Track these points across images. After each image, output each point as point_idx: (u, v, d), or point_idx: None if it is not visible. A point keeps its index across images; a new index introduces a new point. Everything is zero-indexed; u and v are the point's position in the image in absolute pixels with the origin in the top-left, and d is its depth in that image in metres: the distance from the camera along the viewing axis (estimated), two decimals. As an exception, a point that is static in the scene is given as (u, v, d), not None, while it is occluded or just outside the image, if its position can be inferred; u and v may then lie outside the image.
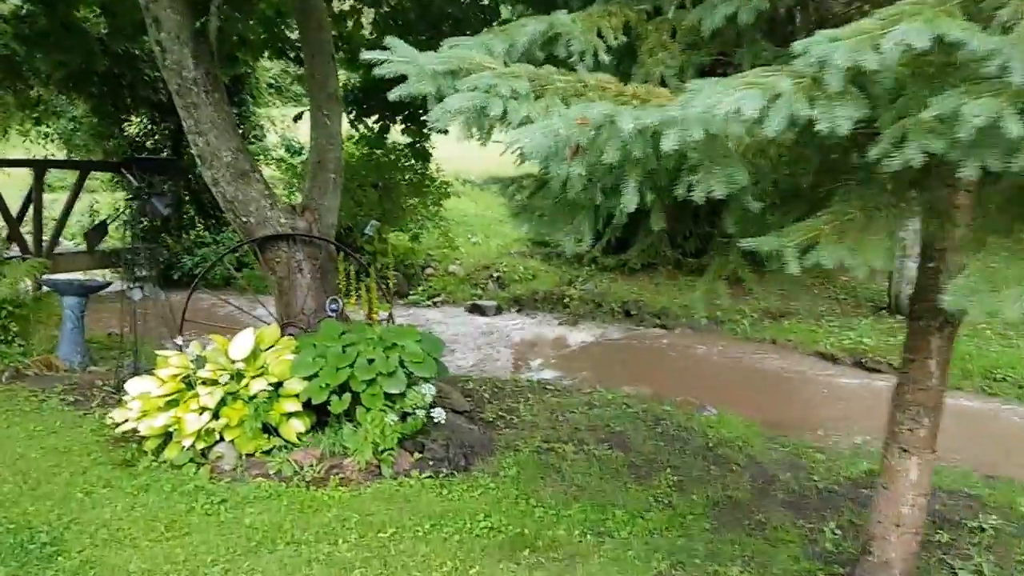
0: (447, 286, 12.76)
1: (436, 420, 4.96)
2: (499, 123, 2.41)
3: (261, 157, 14.04)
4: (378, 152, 9.14)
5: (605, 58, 2.87)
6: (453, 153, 12.00)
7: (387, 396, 4.98)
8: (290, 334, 5.93)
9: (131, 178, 6.60)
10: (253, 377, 5.10)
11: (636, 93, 2.38)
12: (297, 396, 5.04)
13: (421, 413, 4.89)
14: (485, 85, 2.37)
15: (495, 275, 12.72)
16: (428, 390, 4.91)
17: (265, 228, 6.07)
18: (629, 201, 2.31)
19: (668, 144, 2.03)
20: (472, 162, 20.00)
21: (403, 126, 9.83)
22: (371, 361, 5.06)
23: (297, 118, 8.94)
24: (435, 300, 12.34)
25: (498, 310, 11.59)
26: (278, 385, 5.14)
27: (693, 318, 10.34)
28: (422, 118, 9.77)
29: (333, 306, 5.89)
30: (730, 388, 7.55)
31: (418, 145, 9.83)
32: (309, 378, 5.05)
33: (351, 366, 5.03)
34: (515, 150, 2.28)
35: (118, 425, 5.03)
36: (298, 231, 6.13)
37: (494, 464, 4.92)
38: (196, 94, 5.74)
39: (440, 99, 2.49)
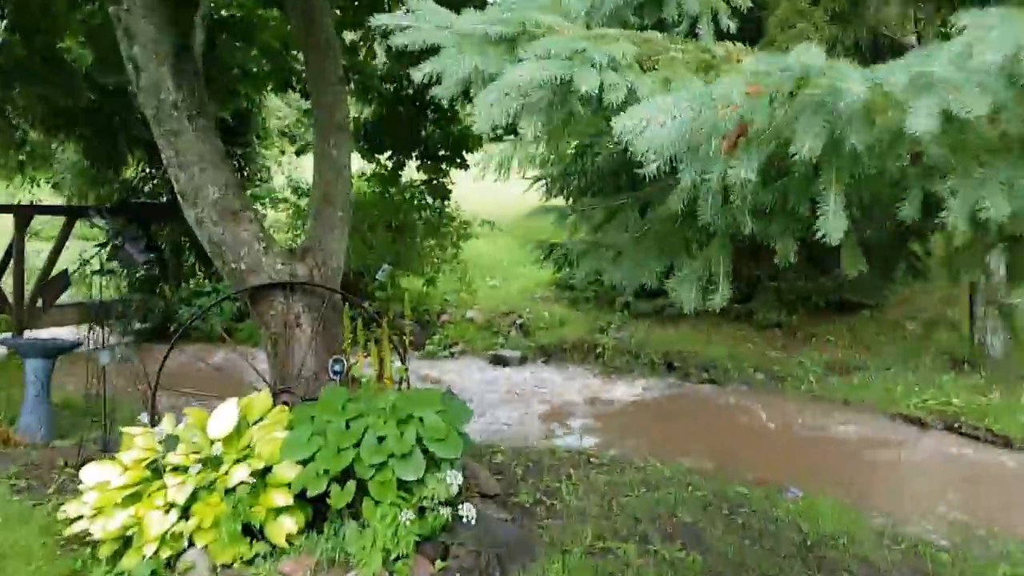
0: (465, 334, 11.86)
1: (464, 518, 4.00)
2: (585, 108, 1.51)
3: (267, 201, 13.37)
4: (392, 190, 8.34)
5: (731, 25, 1.98)
6: (463, 191, 11.27)
7: (401, 485, 4.05)
8: (285, 403, 5.04)
9: (101, 222, 5.79)
10: (235, 462, 4.19)
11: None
12: (288, 486, 4.12)
13: (445, 510, 3.93)
14: (568, 49, 1.48)
15: (518, 322, 11.81)
16: (453, 478, 3.97)
17: (258, 275, 5.23)
18: (833, 227, 1.40)
19: (922, 122, 1.12)
20: (482, 200, 19.35)
21: (419, 162, 9.07)
22: (381, 439, 4.15)
23: (301, 151, 8.16)
24: (452, 350, 11.42)
25: (523, 360, 10.65)
26: (266, 471, 4.23)
27: (747, 372, 9.34)
28: (440, 152, 9.01)
29: (337, 367, 5.00)
30: (808, 461, 6.53)
31: (435, 182, 9.05)
32: (304, 462, 4.14)
33: (356, 446, 4.12)
34: (623, 145, 1.37)
35: (72, 521, 4.11)
36: (297, 278, 5.28)
37: (537, 572, 3.94)
38: (176, 119, 4.96)
39: (491, 78, 1.60)
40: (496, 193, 21.59)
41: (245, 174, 13.38)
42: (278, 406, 4.87)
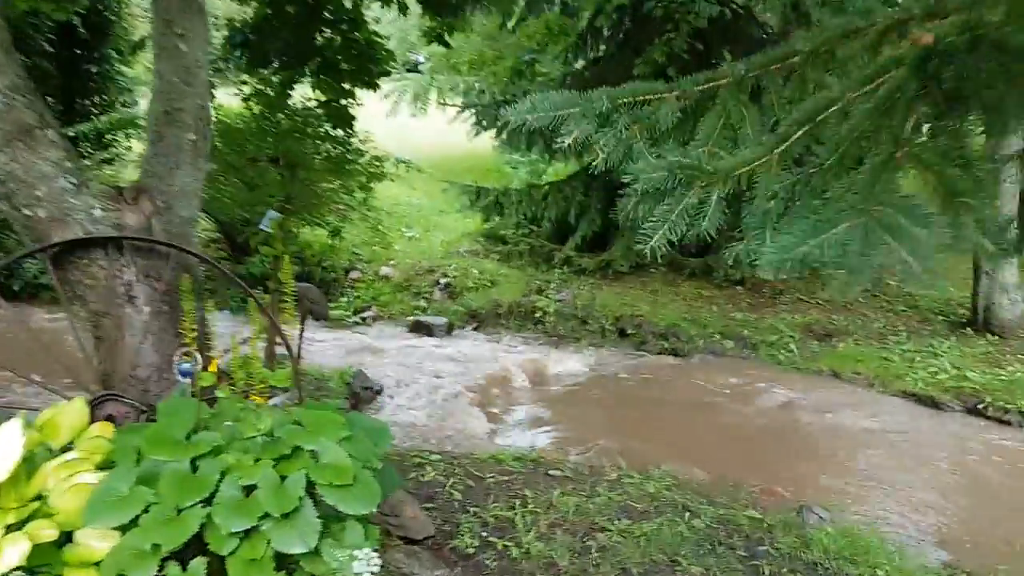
0: (379, 295, 10.38)
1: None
2: None
3: (132, 131, 11.34)
4: (280, 115, 6.72)
5: None
6: (372, 128, 9.73)
7: (281, 562, 2.68)
8: (110, 417, 3.56)
9: None
10: (8, 529, 2.71)
11: None
12: (97, 566, 2.68)
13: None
14: None
15: (442, 281, 10.39)
16: (365, 556, 2.60)
17: (66, 226, 3.63)
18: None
19: None
20: (396, 140, 17.62)
21: (314, 78, 7.41)
22: (249, 490, 2.76)
23: (138, 46, 6.41)
24: (364, 316, 9.92)
25: (450, 329, 9.27)
26: (67, 538, 2.78)
27: (713, 339, 8.26)
28: (342, 66, 7.39)
29: (185, 367, 3.51)
30: (816, 462, 5.48)
31: (337, 105, 7.42)
32: (124, 528, 2.70)
33: (208, 501, 2.72)
34: None
35: None
36: (127, 231, 3.71)
37: None
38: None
39: None
40: (412, 131, 19.91)
41: (103, 97, 11.30)
42: (98, 422, 3.38)
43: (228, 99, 7.92)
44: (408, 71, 24.76)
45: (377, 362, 7.72)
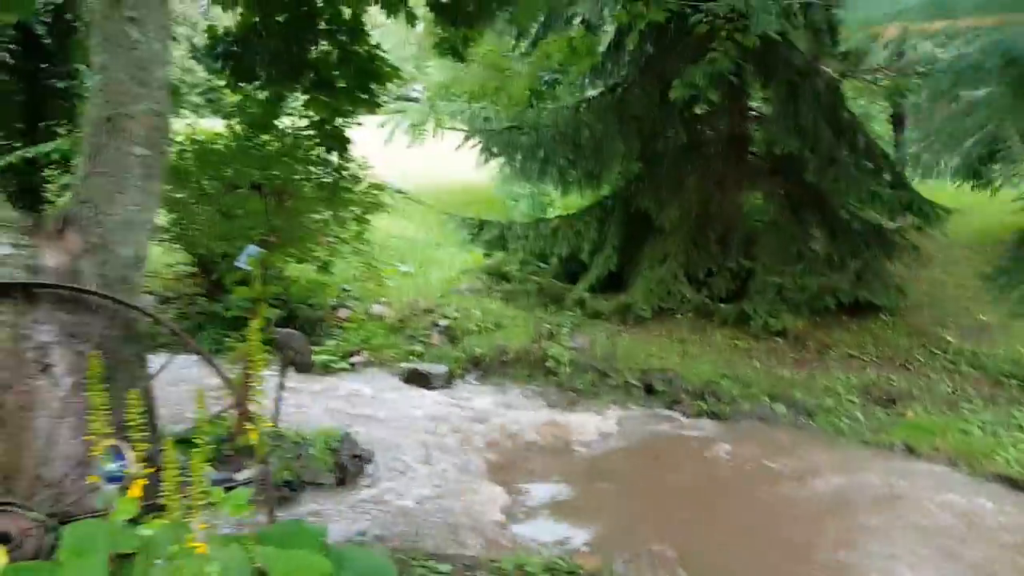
0: (371, 338, 9.44)
1: None
2: None
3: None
4: (265, 136, 5.85)
5: None
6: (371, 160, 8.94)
7: None
8: (4, 536, 2.63)
9: None
10: None
11: None
12: None
13: None
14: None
15: (441, 323, 9.47)
16: None
17: (-40, 268, 2.72)
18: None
19: None
20: (392, 169, 16.81)
21: (307, 95, 6.59)
22: None
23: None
24: (353, 361, 8.96)
25: (450, 379, 8.35)
26: None
27: (759, 400, 7.37)
28: (339, 82, 6.55)
29: (112, 467, 2.58)
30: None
31: (332, 127, 6.57)
32: None
33: None
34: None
35: None
36: (44, 276, 2.82)
37: None
38: None
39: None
40: (408, 161, 19.13)
41: (71, 115, 10.40)
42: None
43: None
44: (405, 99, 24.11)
45: (368, 419, 6.77)
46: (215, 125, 7.35)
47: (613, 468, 6.18)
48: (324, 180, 6.14)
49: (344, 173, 6.20)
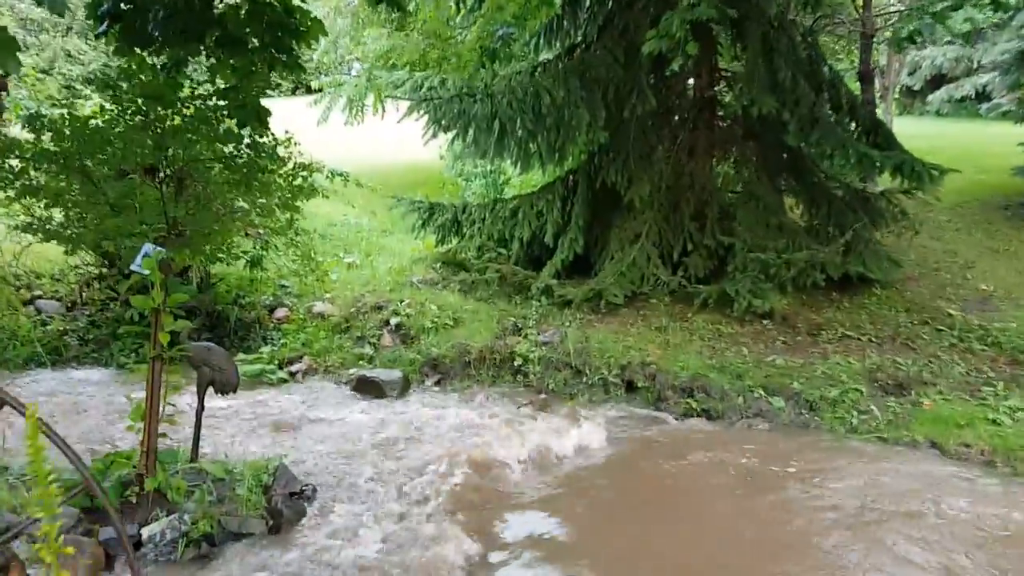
0: (313, 341, 8.48)
1: None
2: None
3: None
4: (162, 110, 4.84)
5: None
6: (305, 142, 7.99)
7: None
8: None
9: None
10: None
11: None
12: None
13: None
14: None
15: (392, 321, 8.53)
16: None
17: None
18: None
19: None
20: (334, 151, 15.70)
21: (215, 59, 5.59)
22: None
23: None
24: (293, 370, 7.99)
25: (406, 386, 7.44)
26: None
27: (755, 395, 6.62)
28: (251, 41, 5.57)
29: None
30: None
31: (244, 97, 5.57)
32: None
33: None
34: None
35: None
36: None
37: None
38: None
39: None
40: (347, 142, 17.98)
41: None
42: None
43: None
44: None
45: (309, 443, 5.84)
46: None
47: (598, 486, 5.36)
48: (238, 160, 5.13)
49: (262, 152, 5.19)
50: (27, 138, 5.01)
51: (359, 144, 18.44)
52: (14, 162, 4.94)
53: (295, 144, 6.37)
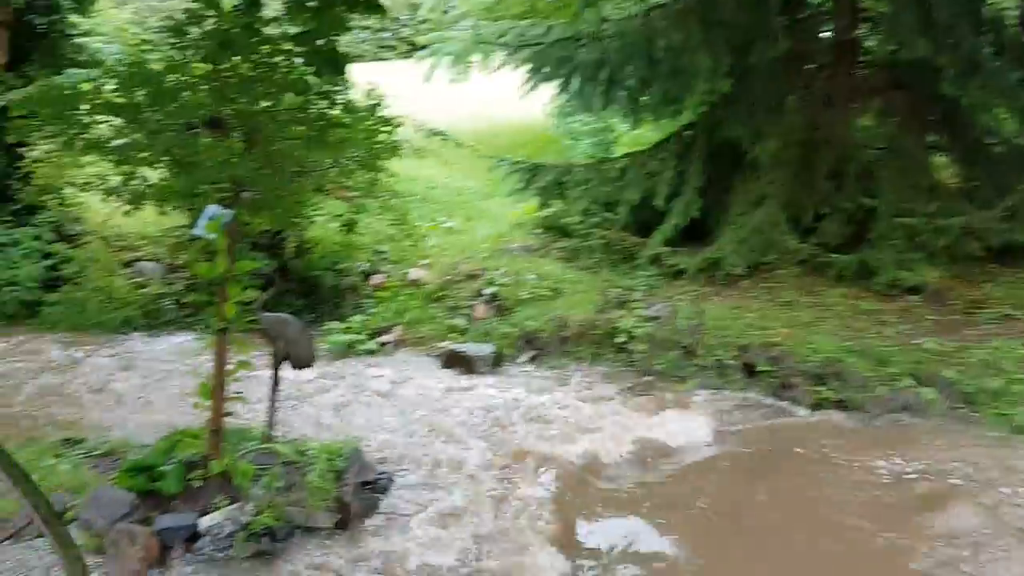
0: (405, 310, 8.12)
1: None
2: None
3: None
4: (233, 58, 4.44)
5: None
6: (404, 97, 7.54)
7: None
8: None
9: None
10: None
11: None
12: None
13: None
14: None
15: (487, 291, 8.05)
16: None
17: None
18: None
19: None
20: (437, 110, 15.29)
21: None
22: None
23: None
24: (384, 340, 7.66)
25: (497, 361, 6.96)
26: None
27: (902, 384, 5.75)
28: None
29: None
30: None
31: (323, 44, 5.06)
32: None
33: None
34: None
35: None
36: None
37: None
38: None
39: None
40: (453, 101, 17.53)
41: (50, 56, 9.22)
42: None
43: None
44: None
45: (390, 423, 5.46)
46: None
47: (708, 489, 4.72)
48: (310, 113, 4.69)
49: (334, 103, 4.74)
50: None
51: (465, 103, 18.01)
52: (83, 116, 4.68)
53: (380, 98, 5.90)
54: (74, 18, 9.61)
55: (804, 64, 8.89)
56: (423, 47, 19.00)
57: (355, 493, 4.27)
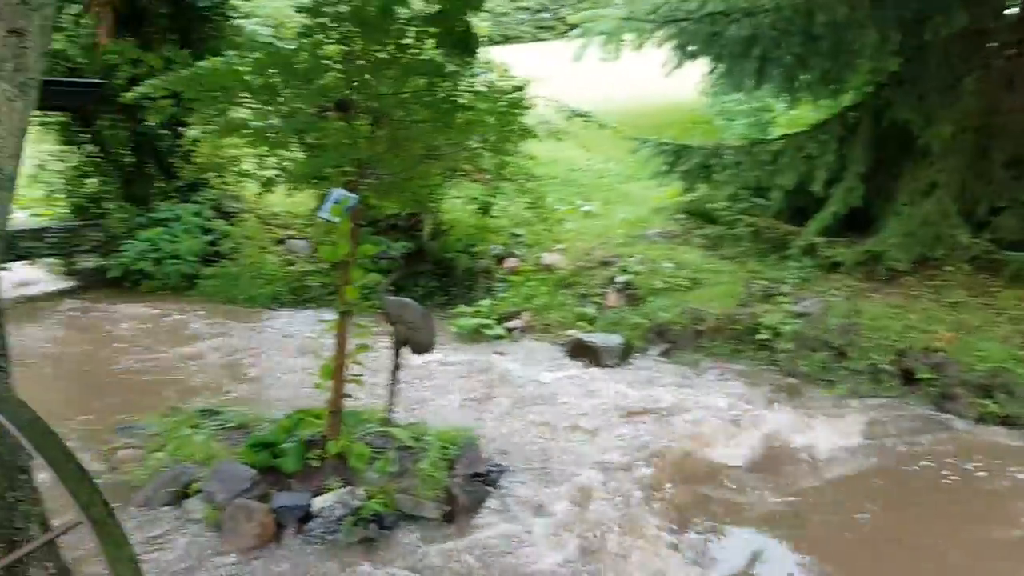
0: (535, 296, 8.00)
1: None
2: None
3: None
4: (366, 39, 4.46)
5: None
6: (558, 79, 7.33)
7: None
8: None
9: None
10: None
11: None
12: None
13: None
14: None
15: (619, 279, 7.78)
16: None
17: None
18: None
19: None
20: (586, 89, 14.99)
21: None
22: None
23: None
24: (511, 326, 7.59)
25: (626, 353, 6.71)
26: None
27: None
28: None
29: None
30: None
31: (458, 23, 4.99)
32: None
33: None
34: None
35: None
36: None
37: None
38: None
39: None
40: (603, 80, 17.16)
41: (212, 39, 9.72)
42: None
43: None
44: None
45: (507, 413, 5.37)
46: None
47: (853, 508, 4.29)
48: (438, 95, 4.61)
49: (459, 84, 4.64)
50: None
51: (616, 83, 17.63)
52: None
53: (516, 81, 5.77)
54: (235, 0, 10.12)
55: (984, 42, 7.93)
56: (575, 27, 18.79)
57: (464, 485, 4.20)
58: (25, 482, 2.12)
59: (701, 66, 9.03)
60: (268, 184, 4.83)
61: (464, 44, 4.92)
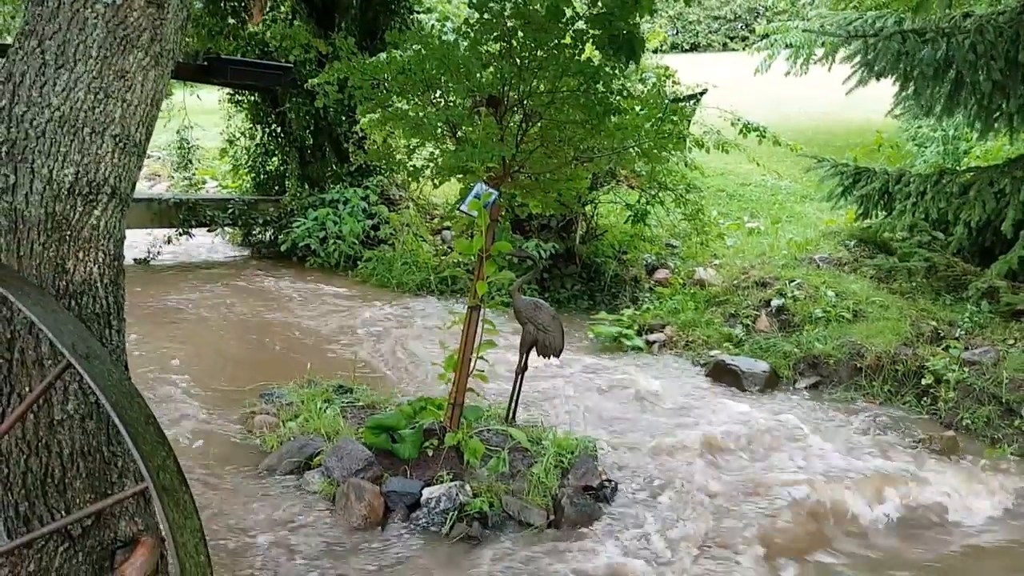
0: (682, 311, 7.75)
1: None
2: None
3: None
4: (530, 38, 4.49)
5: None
6: (726, 92, 7.07)
7: None
8: None
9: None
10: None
11: None
12: None
13: None
14: None
15: (775, 302, 7.37)
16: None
17: None
18: None
19: None
20: (769, 105, 14.35)
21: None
22: None
23: None
24: (651, 339, 7.38)
25: (770, 382, 6.34)
26: None
27: None
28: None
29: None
30: None
31: (624, 25, 4.93)
32: None
33: None
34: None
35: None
36: None
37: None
38: None
39: None
40: (795, 95, 16.39)
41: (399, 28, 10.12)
42: None
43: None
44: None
45: (632, 428, 5.20)
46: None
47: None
48: (592, 96, 4.52)
49: (612, 87, 4.53)
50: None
51: (797, 98, 16.81)
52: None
53: (670, 76, 5.58)
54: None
55: None
56: (763, 37, 18.09)
57: (574, 496, 4.11)
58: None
59: (889, 87, 8.40)
60: (414, 174, 4.94)
61: (629, 48, 4.80)
